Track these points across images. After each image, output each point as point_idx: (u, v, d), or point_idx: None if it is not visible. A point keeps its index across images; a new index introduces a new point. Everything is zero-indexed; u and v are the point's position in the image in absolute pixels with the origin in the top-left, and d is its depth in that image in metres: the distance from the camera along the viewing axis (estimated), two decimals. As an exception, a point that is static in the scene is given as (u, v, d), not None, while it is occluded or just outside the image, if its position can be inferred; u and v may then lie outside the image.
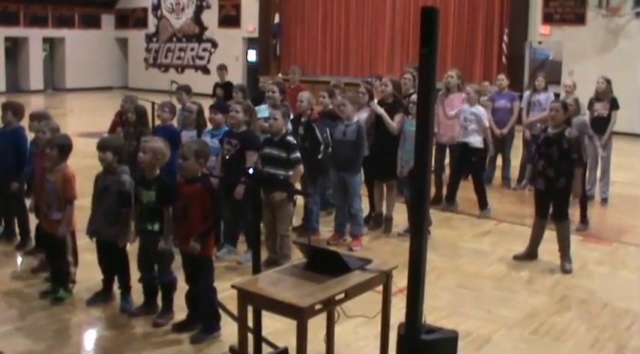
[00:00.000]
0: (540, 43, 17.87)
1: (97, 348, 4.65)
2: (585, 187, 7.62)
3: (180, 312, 4.85)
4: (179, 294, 4.88)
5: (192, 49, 25.14)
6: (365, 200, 7.25)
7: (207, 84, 13.40)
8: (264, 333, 4.10)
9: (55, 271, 5.34)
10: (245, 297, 3.68)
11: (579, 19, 16.55)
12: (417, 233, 3.35)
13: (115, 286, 5.24)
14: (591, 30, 16.31)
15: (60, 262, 5.26)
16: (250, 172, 4.91)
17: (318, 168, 6.86)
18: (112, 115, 8.35)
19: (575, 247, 6.49)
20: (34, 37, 24.72)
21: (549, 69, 17.41)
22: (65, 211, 5.17)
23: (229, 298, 4.51)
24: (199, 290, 4.67)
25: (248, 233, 6.12)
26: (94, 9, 26.43)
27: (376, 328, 4.05)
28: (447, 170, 8.84)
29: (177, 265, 4.89)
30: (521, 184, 7.92)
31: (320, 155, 6.78)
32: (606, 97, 8.77)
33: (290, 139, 6.05)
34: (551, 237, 6.42)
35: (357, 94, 7.51)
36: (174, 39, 25.70)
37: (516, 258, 6.49)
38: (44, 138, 5.59)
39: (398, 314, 3.85)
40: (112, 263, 5.17)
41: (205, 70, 24.12)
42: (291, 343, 3.76)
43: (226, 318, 4.69)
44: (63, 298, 5.22)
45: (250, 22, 22.87)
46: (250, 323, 3.88)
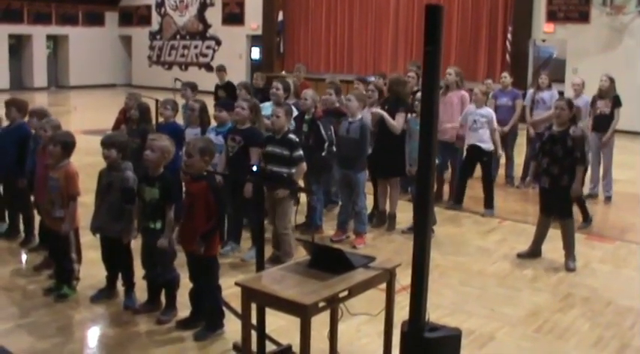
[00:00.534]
0: (544, 41, 17.82)
1: (100, 345, 4.65)
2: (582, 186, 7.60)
3: (184, 309, 4.85)
4: (183, 291, 4.88)
5: (195, 46, 25.12)
6: (369, 198, 7.25)
7: (210, 81, 13.38)
8: (267, 330, 4.09)
9: (59, 268, 5.34)
10: (249, 294, 3.68)
11: (583, 17, 16.51)
12: (421, 231, 3.35)
13: (119, 284, 5.24)
14: (595, 28, 16.26)
15: (63, 259, 5.27)
16: (254, 169, 4.90)
17: (321, 165, 6.85)
18: (116, 113, 8.34)
19: (578, 245, 6.47)
20: (37, 35, 24.72)
21: (553, 67, 17.39)
22: (68, 208, 5.17)
23: (233, 295, 4.51)
24: (203, 288, 4.67)
25: (254, 230, 6.11)
26: (97, 6, 26.42)
27: (379, 325, 4.04)
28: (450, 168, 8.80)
29: (180, 262, 4.90)
30: (525, 182, 7.89)
31: (324, 153, 6.76)
32: (609, 94, 8.74)
33: (292, 136, 6.03)
34: (555, 235, 6.41)
35: (367, 91, 7.51)
36: (177, 36, 25.69)
37: (520, 256, 6.49)
38: (46, 136, 5.55)
39: (401, 312, 3.84)
40: (116, 260, 5.17)
41: (209, 68, 24.05)
42: (295, 340, 3.77)
43: (230, 315, 4.68)
44: (66, 295, 5.22)
45: (254, 19, 22.86)
46: (254, 320, 3.88)
